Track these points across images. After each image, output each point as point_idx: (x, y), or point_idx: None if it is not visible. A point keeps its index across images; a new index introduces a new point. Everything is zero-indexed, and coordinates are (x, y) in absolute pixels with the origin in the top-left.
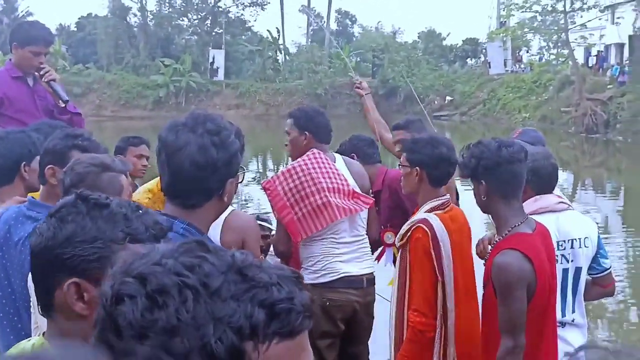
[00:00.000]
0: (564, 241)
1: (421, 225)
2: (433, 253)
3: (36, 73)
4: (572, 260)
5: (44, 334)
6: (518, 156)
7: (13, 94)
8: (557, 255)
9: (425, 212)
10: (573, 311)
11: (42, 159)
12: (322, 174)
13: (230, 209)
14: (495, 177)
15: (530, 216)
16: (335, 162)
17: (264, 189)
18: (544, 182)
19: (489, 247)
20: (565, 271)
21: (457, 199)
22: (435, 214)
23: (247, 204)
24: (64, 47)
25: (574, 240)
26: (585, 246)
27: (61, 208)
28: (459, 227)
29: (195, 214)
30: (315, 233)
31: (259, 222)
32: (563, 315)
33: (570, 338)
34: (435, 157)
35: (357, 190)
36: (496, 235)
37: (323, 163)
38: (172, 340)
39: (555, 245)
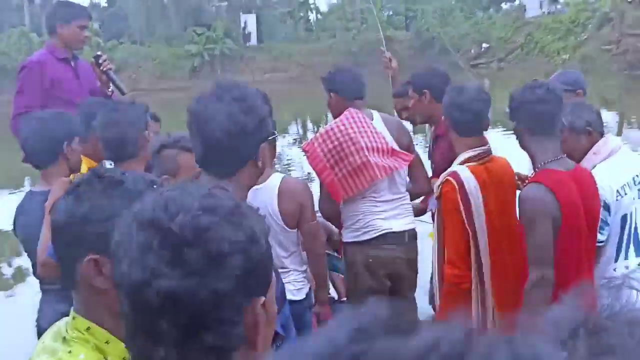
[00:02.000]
0: (637, 175)
1: (450, 178)
2: (462, 206)
3: (93, 60)
4: None
5: (73, 308)
6: (542, 96)
7: (60, 76)
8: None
9: (459, 163)
10: None
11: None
12: (360, 133)
13: (280, 175)
14: (520, 116)
15: (609, 157)
16: (373, 120)
17: (304, 151)
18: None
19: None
20: None
21: None
22: (468, 165)
23: (289, 166)
24: (96, 24)
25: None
26: None
27: (77, 186)
28: (498, 179)
29: (230, 182)
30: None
31: None
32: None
33: None
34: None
35: (396, 147)
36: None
37: (360, 122)
38: None
39: (632, 180)
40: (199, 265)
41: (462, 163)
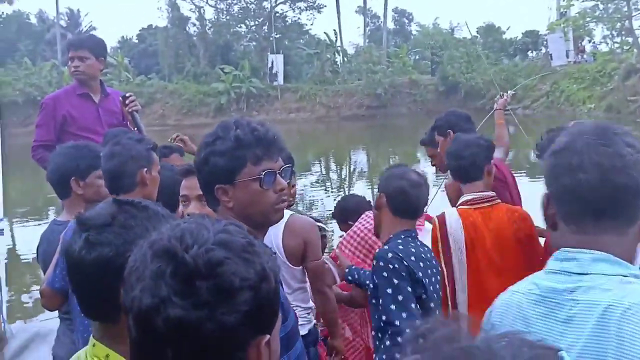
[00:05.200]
0: None
1: (436, 217)
2: (440, 245)
3: (121, 99)
4: None
5: (93, 336)
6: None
7: (77, 112)
8: None
9: (458, 205)
10: None
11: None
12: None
13: (288, 212)
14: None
15: None
16: None
17: (333, 259)
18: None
19: None
20: None
21: None
22: (461, 207)
23: (312, 205)
24: (126, 59)
25: None
26: None
27: (114, 217)
28: (496, 226)
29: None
30: None
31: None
32: None
33: None
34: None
35: None
36: None
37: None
38: None
39: None
40: (209, 298)
41: (461, 204)
